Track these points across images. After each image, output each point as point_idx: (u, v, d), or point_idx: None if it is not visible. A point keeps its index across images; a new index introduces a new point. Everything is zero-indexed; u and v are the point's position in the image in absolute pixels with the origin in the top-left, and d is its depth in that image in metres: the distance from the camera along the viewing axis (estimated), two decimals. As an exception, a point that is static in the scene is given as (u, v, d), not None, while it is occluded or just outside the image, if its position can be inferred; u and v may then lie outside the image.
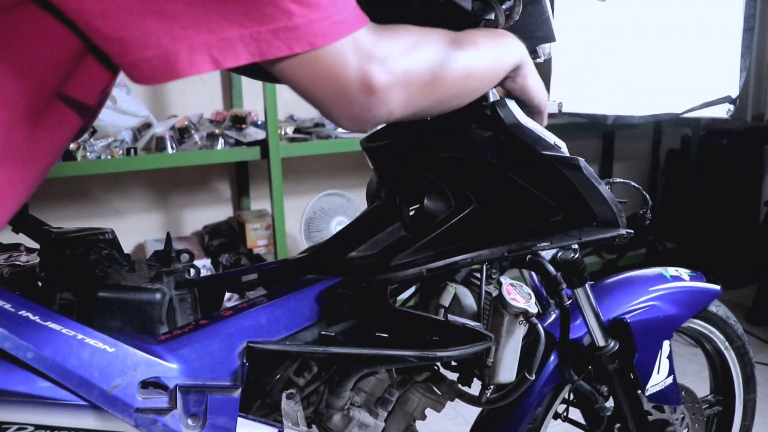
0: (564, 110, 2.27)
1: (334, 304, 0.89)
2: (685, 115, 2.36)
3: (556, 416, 1.22)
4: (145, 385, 0.74)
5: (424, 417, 1.03)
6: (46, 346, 0.69)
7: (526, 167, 0.89)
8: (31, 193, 0.68)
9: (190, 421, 0.76)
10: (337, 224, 2.50)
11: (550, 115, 0.97)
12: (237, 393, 0.78)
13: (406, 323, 0.88)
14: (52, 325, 0.71)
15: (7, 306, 0.69)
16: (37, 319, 0.70)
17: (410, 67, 0.68)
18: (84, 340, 0.72)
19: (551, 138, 0.88)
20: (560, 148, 0.88)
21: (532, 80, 0.87)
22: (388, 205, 0.97)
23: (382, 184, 1.01)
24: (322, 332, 0.87)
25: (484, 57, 0.78)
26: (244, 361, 0.80)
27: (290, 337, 0.86)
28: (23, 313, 0.70)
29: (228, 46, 0.58)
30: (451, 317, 0.92)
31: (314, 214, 2.52)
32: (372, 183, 1.06)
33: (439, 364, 1.02)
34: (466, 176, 0.90)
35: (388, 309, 0.89)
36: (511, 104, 0.87)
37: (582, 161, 0.88)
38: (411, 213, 0.92)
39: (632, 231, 0.92)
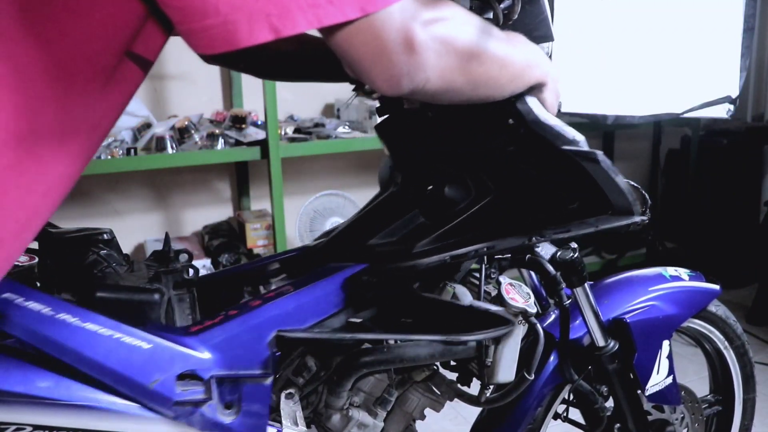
0: (563, 110, 2.27)
1: (359, 292, 0.90)
2: (685, 115, 2.36)
3: (556, 416, 1.22)
4: (182, 377, 0.77)
5: (423, 417, 1.03)
6: (86, 347, 0.72)
7: (543, 159, 0.90)
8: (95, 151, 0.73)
9: (225, 410, 0.80)
10: (331, 224, 2.50)
11: None
12: (269, 381, 0.81)
13: (430, 309, 0.89)
14: (90, 326, 0.73)
15: (47, 310, 0.72)
16: (76, 321, 0.72)
17: (452, 35, 0.68)
18: (121, 338, 0.74)
19: (570, 133, 0.90)
20: (579, 142, 0.90)
21: (550, 102, 0.88)
22: (405, 192, 0.99)
23: (398, 170, 1.02)
24: (349, 319, 0.89)
25: (519, 56, 0.80)
26: (275, 350, 0.82)
27: (318, 325, 0.87)
28: (62, 316, 0.72)
29: (286, 14, 0.57)
30: (474, 302, 0.93)
31: (315, 213, 2.52)
32: (384, 168, 1.07)
33: (438, 364, 1.02)
34: (485, 165, 0.92)
35: (413, 295, 0.91)
36: (531, 101, 0.88)
37: (600, 154, 0.89)
38: (430, 200, 0.93)
39: (646, 218, 0.94)
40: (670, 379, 1.20)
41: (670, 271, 1.30)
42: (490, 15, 0.84)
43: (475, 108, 0.83)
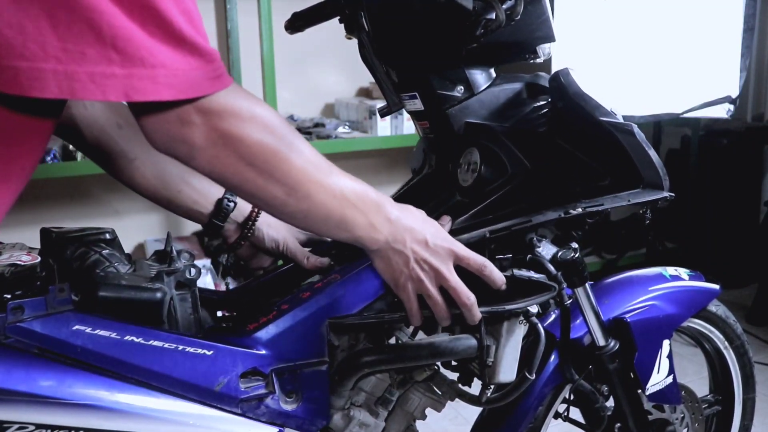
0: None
1: None
2: (685, 115, 2.36)
3: (557, 416, 1.22)
4: (244, 375, 0.81)
5: (424, 417, 1.03)
6: (154, 363, 0.77)
7: (575, 134, 0.93)
8: None
9: (288, 399, 0.85)
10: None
11: None
12: (325, 367, 0.86)
13: (472, 282, 0.90)
14: (155, 343, 0.77)
15: (114, 335, 0.76)
16: (141, 340, 0.77)
17: (239, 135, 0.69)
18: (185, 350, 0.79)
19: (608, 106, 0.92)
20: (616, 115, 0.92)
21: (378, 264, 0.85)
22: (440, 172, 1.01)
23: (433, 151, 1.04)
24: (396, 299, 0.90)
25: (326, 200, 0.77)
26: (328, 337, 0.87)
27: (366, 309, 0.90)
28: (128, 338, 0.76)
29: (37, 76, 0.59)
30: (516, 272, 0.95)
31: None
32: (417, 153, 1.10)
33: (439, 363, 1.02)
34: (519, 143, 0.94)
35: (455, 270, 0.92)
36: (573, 73, 0.92)
37: (635, 127, 0.91)
38: (469, 180, 0.96)
39: (674, 194, 0.96)
40: (670, 379, 1.20)
41: (670, 270, 1.30)
42: (493, 16, 0.84)
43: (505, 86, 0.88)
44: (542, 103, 0.97)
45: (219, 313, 1.05)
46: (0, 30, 0.57)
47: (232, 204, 1.03)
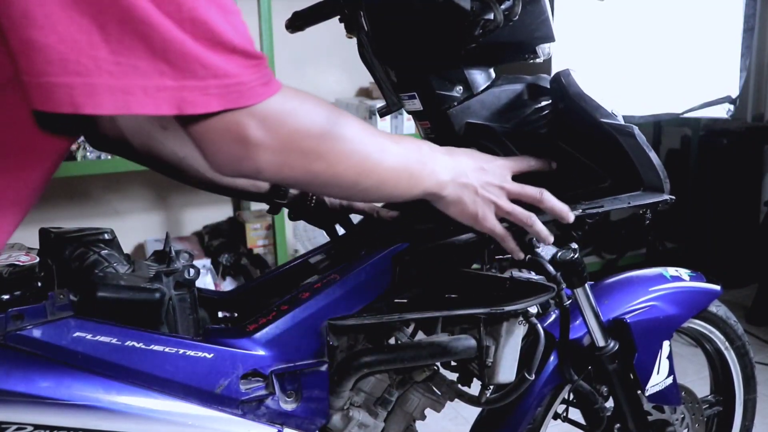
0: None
1: (402, 271, 0.93)
2: (685, 115, 2.36)
3: (556, 416, 1.22)
4: (245, 376, 0.82)
5: (423, 417, 1.03)
6: (155, 368, 0.77)
7: (575, 135, 0.93)
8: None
9: (288, 399, 0.86)
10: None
11: None
12: (325, 367, 0.87)
13: (472, 284, 0.91)
14: (156, 348, 0.77)
15: (114, 341, 0.75)
16: (141, 345, 0.77)
17: (293, 132, 0.69)
18: (186, 353, 0.79)
19: (609, 107, 0.92)
20: (617, 116, 0.92)
21: (453, 212, 0.85)
22: None
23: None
24: (396, 300, 0.91)
25: (394, 162, 0.78)
26: (328, 338, 0.87)
27: (366, 309, 0.90)
28: (129, 343, 0.76)
29: (90, 92, 0.57)
30: (516, 274, 0.96)
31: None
32: None
33: (438, 364, 1.02)
34: (519, 145, 0.94)
35: (454, 272, 0.94)
36: (574, 74, 0.91)
37: (636, 129, 0.91)
38: None
39: (674, 197, 0.95)
40: (670, 380, 1.19)
41: (671, 271, 1.29)
42: (491, 16, 0.84)
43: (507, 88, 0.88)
44: (543, 104, 0.96)
45: (220, 314, 1.06)
46: (54, 45, 0.56)
47: None
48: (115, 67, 0.57)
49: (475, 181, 0.84)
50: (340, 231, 1.15)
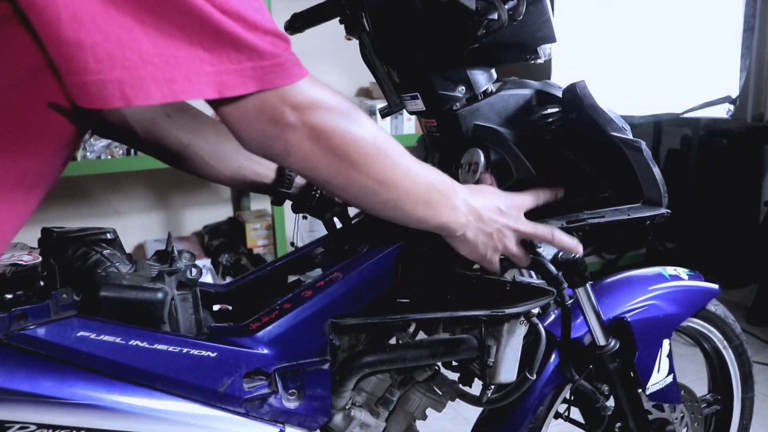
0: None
1: (405, 271, 0.93)
2: (685, 115, 2.36)
3: (557, 416, 1.22)
4: (248, 375, 0.82)
5: (424, 417, 1.03)
6: (159, 367, 0.77)
7: (582, 145, 0.94)
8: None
9: (291, 398, 0.86)
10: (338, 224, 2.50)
11: None
12: (327, 366, 0.87)
13: (473, 286, 0.91)
14: (160, 347, 0.78)
15: (118, 340, 0.76)
16: (145, 344, 0.77)
17: (331, 128, 0.70)
18: (189, 352, 0.79)
19: (620, 121, 0.93)
20: (627, 130, 0.93)
21: (465, 249, 0.87)
22: (443, 170, 1.01)
23: (437, 150, 1.05)
24: (398, 299, 0.91)
25: (420, 189, 0.78)
26: (330, 337, 0.88)
27: (368, 308, 0.90)
28: (133, 342, 0.76)
29: (140, 85, 0.60)
30: (517, 277, 0.97)
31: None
32: (418, 151, 1.10)
33: (439, 364, 1.02)
34: (526, 150, 0.95)
35: (457, 272, 0.94)
36: (589, 86, 0.92)
37: (644, 144, 0.92)
38: (470, 180, 0.96)
39: (670, 212, 0.97)
40: (670, 378, 1.20)
41: (670, 270, 1.30)
42: (495, 16, 0.84)
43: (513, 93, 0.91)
44: (550, 111, 0.96)
45: (216, 307, 1.06)
46: (102, 44, 0.58)
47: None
48: (158, 58, 0.60)
49: (493, 224, 0.85)
50: (338, 225, 1.16)
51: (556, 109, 0.96)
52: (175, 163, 1.04)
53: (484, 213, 0.84)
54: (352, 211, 1.15)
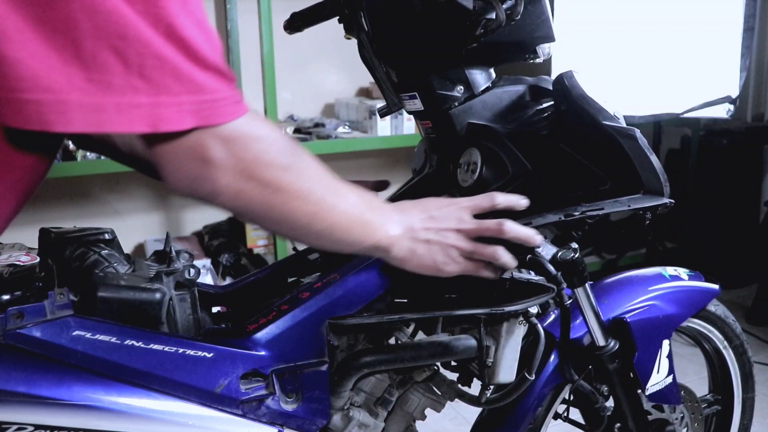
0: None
1: (402, 271, 0.91)
2: (685, 115, 2.36)
3: (557, 416, 1.22)
4: (245, 376, 0.82)
5: (424, 417, 1.03)
6: (155, 367, 0.77)
7: (577, 137, 0.93)
8: None
9: (289, 399, 0.86)
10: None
11: None
12: (325, 367, 0.87)
13: (472, 284, 0.90)
14: (155, 347, 0.77)
15: (114, 339, 0.75)
16: (141, 344, 0.76)
17: (258, 160, 0.67)
18: (185, 352, 0.78)
19: (611, 109, 0.92)
20: (618, 118, 0.92)
21: (410, 264, 0.83)
22: (441, 172, 1.01)
23: (434, 152, 1.04)
24: (396, 300, 0.90)
25: (351, 209, 0.76)
26: (328, 338, 0.87)
27: (366, 309, 0.90)
28: (128, 342, 0.76)
29: (63, 110, 0.56)
30: (516, 275, 0.95)
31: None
32: (418, 153, 1.10)
33: (438, 364, 1.02)
34: (521, 146, 0.94)
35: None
36: (578, 76, 0.91)
37: (638, 132, 0.92)
38: (468, 180, 0.96)
39: (674, 201, 0.96)
40: (670, 379, 1.20)
41: (670, 270, 1.30)
42: (493, 15, 0.84)
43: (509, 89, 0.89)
44: (545, 105, 0.97)
45: (215, 309, 1.05)
46: (25, 61, 0.54)
47: None
48: (87, 83, 0.56)
49: (426, 231, 0.82)
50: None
51: (550, 103, 0.96)
52: (156, 176, 1.03)
53: (416, 223, 0.82)
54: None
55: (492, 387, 0.98)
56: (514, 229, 0.85)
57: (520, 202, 0.87)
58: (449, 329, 0.98)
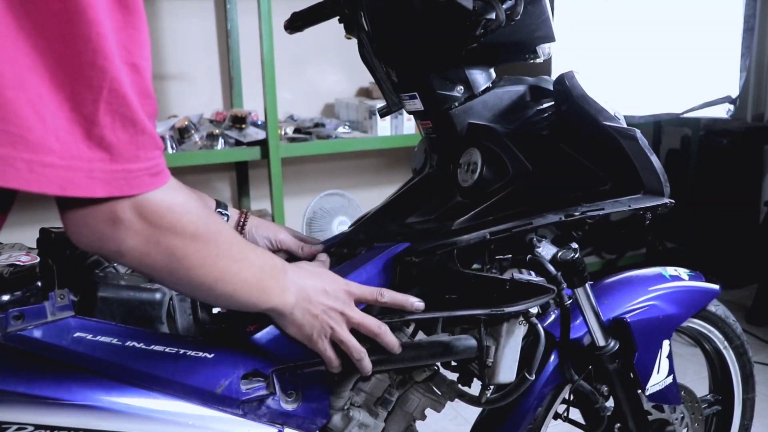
0: (564, 110, 2.27)
1: (404, 271, 0.92)
2: (685, 115, 2.37)
3: (557, 416, 1.22)
4: (245, 376, 0.82)
5: (424, 417, 1.03)
6: (156, 368, 0.77)
7: (577, 138, 0.93)
8: None
9: (288, 399, 0.85)
10: (338, 224, 2.50)
11: None
12: (325, 367, 0.86)
13: (472, 285, 0.90)
14: (156, 348, 0.77)
15: (115, 341, 0.76)
16: (142, 346, 0.77)
17: (167, 226, 0.66)
18: (186, 353, 0.79)
19: (612, 110, 0.92)
20: (619, 119, 0.92)
21: (292, 329, 0.83)
22: (441, 172, 1.01)
23: (434, 151, 1.04)
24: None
25: (250, 276, 0.76)
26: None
27: (366, 309, 0.89)
28: (129, 343, 0.76)
29: None
30: (516, 275, 0.96)
31: (315, 213, 2.52)
32: (418, 154, 1.10)
33: (438, 364, 1.02)
34: (521, 146, 0.94)
35: (456, 272, 0.93)
36: (578, 76, 0.92)
37: (638, 132, 0.92)
38: (469, 180, 0.96)
39: (674, 201, 0.96)
40: (670, 379, 1.20)
41: (670, 271, 1.30)
42: (493, 16, 0.84)
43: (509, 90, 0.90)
44: (545, 106, 0.97)
45: (215, 309, 1.05)
46: None
47: (225, 217, 1.03)
48: (1, 134, 0.53)
49: (318, 305, 0.83)
50: None
51: (551, 104, 0.96)
52: None
53: (312, 294, 0.83)
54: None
55: (492, 387, 0.98)
56: (389, 337, 0.87)
57: (413, 304, 0.88)
58: (449, 329, 0.98)
